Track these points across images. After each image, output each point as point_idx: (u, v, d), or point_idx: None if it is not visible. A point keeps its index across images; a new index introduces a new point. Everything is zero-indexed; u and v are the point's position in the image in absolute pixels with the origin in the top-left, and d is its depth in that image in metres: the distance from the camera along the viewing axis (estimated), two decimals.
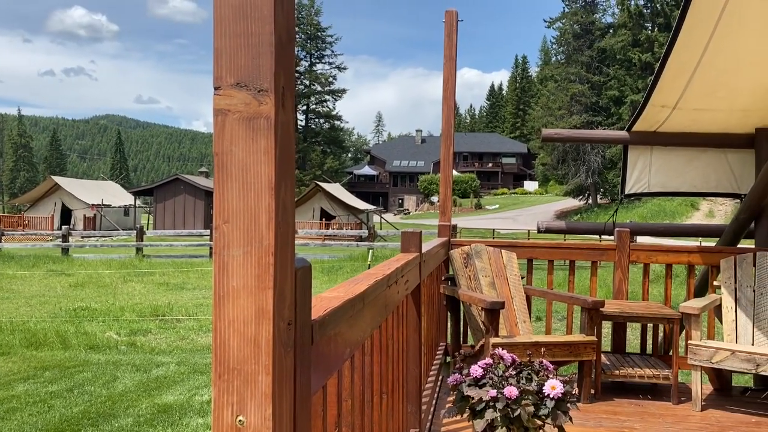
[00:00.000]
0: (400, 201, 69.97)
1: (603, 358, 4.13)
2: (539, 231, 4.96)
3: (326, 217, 31.38)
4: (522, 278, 4.28)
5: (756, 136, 4.48)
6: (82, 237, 27.39)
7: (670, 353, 4.04)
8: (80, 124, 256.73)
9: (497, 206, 58.23)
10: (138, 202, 39.02)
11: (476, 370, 2.59)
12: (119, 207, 35.95)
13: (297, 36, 69.09)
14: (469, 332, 4.27)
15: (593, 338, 3.59)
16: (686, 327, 3.74)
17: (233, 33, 0.84)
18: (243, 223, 0.84)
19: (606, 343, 4.40)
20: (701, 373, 3.67)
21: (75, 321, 8.88)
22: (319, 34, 70.01)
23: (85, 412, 5.01)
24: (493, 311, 3.46)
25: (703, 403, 3.63)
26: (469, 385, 2.56)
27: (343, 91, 71.68)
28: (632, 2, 46.60)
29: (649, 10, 46.95)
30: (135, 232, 19.43)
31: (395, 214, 59.53)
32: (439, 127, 4.80)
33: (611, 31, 49.98)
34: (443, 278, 4.21)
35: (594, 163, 46.70)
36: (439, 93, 4.64)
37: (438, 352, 4.13)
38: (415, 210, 64.72)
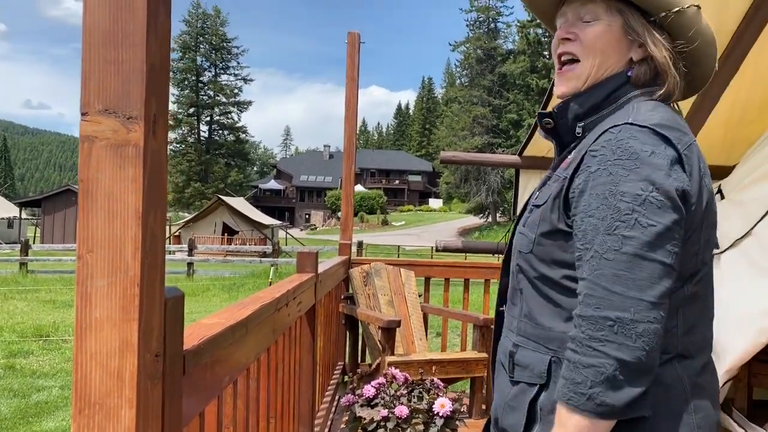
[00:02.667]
0: (307, 216, 69.58)
1: None
2: (437, 250, 5.08)
3: (229, 232, 30.64)
4: (420, 296, 4.37)
5: None
6: None
7: None
8: None
9: (403, 222, 59.16)
10: (24, 214, 36.46)
11: (369, 390, 2.62)
12: (2, 219, 33.46)
13: (201, 46, 67.58)
14: (367, 351, 4.30)
15: (485, 355, 3.72)
16: None
17: (103, 59, 0.82)
18: (108, 252, 0.82)
19: None
20: None
21: None
22: (224, 44, 68.79)
23: None
24: (389, 330, 3.51)
25: None
26: (362, 406, 2.58)
27: (249, 103, 70.73)
28: (531, 31, 49.07)
29: (546, 39, 49.62)
30: (19, 245, 18.13)
31: (302, 230, 59.10)
32: None
33: (511, 57, 52.35)
34: (342, 297, 4.22)
35: (494, 183, 48.51)
36: None
37: (335, 372, 4.13)
38: (322, 225, 64.54)
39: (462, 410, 2.64)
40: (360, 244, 20.61)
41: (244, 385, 1.59)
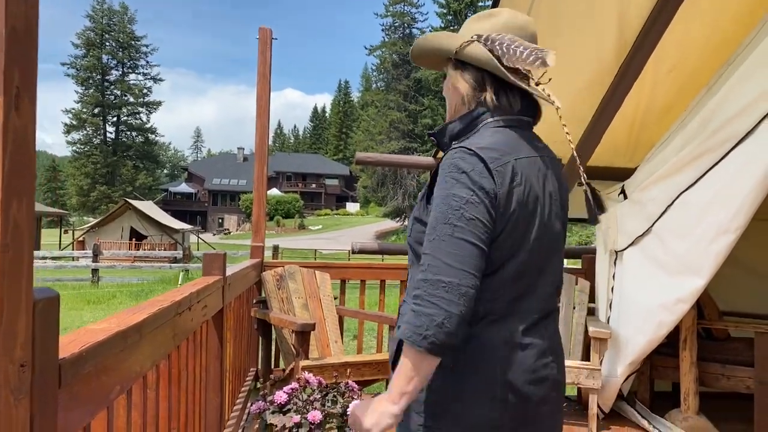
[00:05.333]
0: (220, 220, 67.80)
1: None
2: (353, 252, 5.02)
3: (137, 237, 29.35)
4: (335, 299, 4.29)
5: None
6: None
7: None
8: None
9: (320, 227, 58.78)
10: None
11: (281, 395, 2.52)
12: None
13: (107, 43, 64.60)
14: (281, 356, 4.17)
15: None
16: None
17: None
18: None
19: None
20: None
21: None
22: (132, 42, 66.03)
23: None
24: (303, 333, 3.41)
25: None
26: (273, 412, 2.48)
27: (159, 103, 68.19)
28: None
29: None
30: None
31: (215, 234, 57.48)
32: None
33: None
34: (255, 301, 4.08)
35: (410, 187, 49.12)
36: None
37: (248, 378, 3.98)
38: (236, 230, 63.07)
39: None
40: (276, 249, 20.22)
41: (140, 394, 1.46)
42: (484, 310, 1.32)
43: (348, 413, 2.51)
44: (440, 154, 4.95)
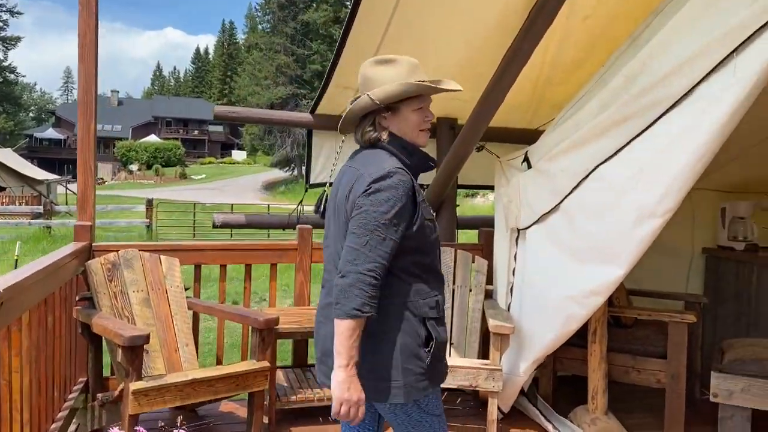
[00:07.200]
0: None
1: (281, 376, 3.59)
2: (214, 226, 4.22)
3: None
4: (187, 289, 3.49)
5: (438, 125, 4.34)
6: None
7: None
8: None
9: (204, 176, 56.06)
10: None
11: None
12: None
13: None
14: (115, 368, 3.34)
15: (265, 364, 2.98)
16: None
17: None
18: None
19: (286, 356, 3.87)
20: None
21: None
22: None
23: None
24: (134, 348, 2.62)
25: None
26: None
27: (18, 39, 61.32)
28: None
29: None
30: None
31: None
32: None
33: (314, 5, 51.10)
34: (78, 298, 3.19)
35: (299, 135, 47.59)
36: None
37: (71, 395, 3.13)
38: (112, 179, 58.77)
39: None
40: (149, 203, 18.65)
41: None
42: None
43: None
44: (332, 105, 4.20)
